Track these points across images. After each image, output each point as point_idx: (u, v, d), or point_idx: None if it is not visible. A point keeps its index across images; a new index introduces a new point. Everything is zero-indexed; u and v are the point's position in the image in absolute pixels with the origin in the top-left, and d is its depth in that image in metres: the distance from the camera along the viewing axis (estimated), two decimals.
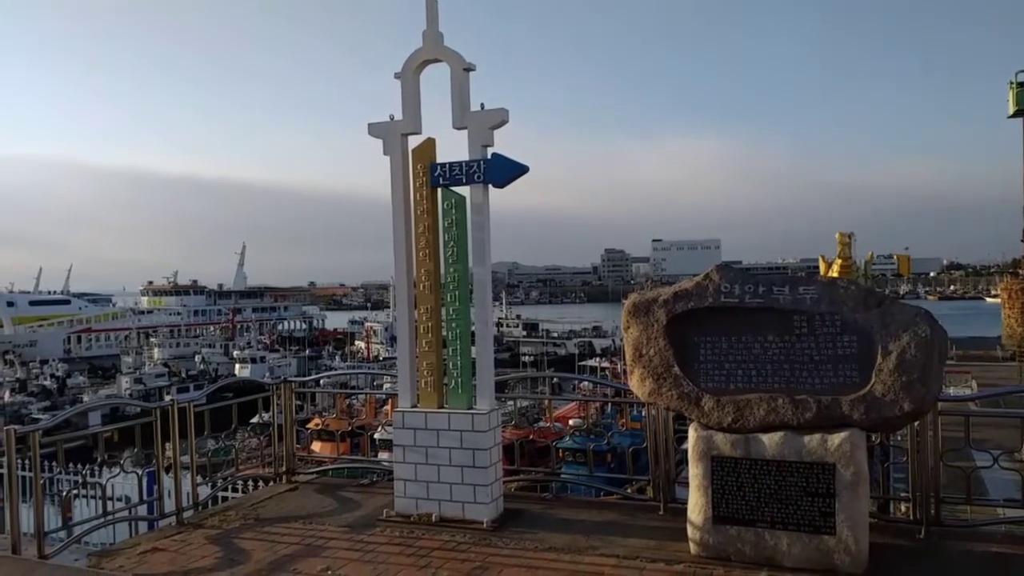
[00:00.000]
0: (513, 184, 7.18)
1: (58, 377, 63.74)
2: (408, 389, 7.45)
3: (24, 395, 55.18)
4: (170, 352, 77.08)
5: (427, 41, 7.27)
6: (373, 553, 6.31)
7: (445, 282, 7.34)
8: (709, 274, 6.11)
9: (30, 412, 48.35)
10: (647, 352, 6.13)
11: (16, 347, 78.93)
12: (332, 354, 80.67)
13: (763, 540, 5.71)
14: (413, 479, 7.18)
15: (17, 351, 75.87)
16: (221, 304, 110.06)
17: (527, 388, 47.41)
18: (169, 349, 78.60)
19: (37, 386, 59.81)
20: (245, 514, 7.52)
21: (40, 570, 6.05)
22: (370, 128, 7.54)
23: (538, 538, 6.50)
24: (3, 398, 52.16)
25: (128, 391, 56.78)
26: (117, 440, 12.93)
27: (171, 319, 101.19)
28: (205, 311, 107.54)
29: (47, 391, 58.54)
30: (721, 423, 5.87)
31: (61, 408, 48.55)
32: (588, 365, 63.58)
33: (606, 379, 41.69)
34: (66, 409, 39.08)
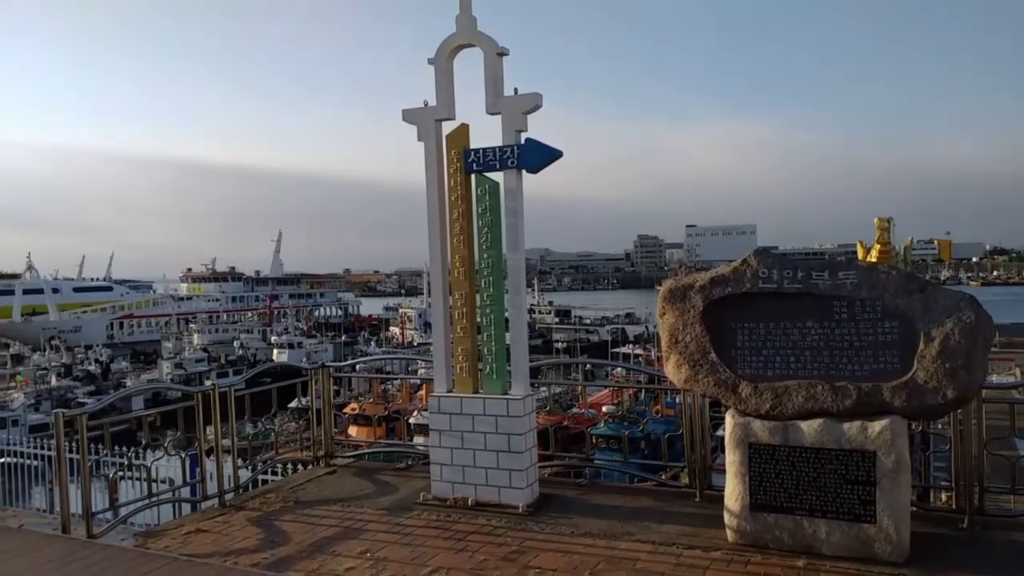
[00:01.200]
0: (545, 169, 7.16)
1: (102, 362, 65.27)
2: (443, 374, 7.50)
3: (70, 379, 56.60)
4: (209, 338, 78.46)
5: (460, 26, 7.25)
6: (411, 536, 6.39)
7: (479, 268, 7.36)
8: (747, 259, 6.04)
9: (76, 396, 49.61)
10: (683, 338, 6.09)
11: (61, 333, 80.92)
12: (367, 340, 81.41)
13: (801, 528, 5.66)
14: (449, 463, 7.25)
15: (62, 336, 77.78)
16: (259, 291, 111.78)
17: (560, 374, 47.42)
18: (208, 335, 80.00)
19: (82, 371, 61.31)
20: (285, 497, 7.66)
21: (89, 550, 6.22)
22: (404, 114, 7.56)
23: (573, 523, 6.52)
24: (50, 382, 53.59)
25: (169, 376, 57.99)
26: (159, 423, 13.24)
27: (210, 305, 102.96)
28: (243, 297, 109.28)
29: (91, 376, 59.97)
30: (759, 410, 5.82)
31: (105, 392, 49.82)
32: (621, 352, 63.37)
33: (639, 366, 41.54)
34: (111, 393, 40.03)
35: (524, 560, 5.76)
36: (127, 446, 9.90)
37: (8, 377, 56.09)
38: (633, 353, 56.55)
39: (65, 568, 5.80)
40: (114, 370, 63.94)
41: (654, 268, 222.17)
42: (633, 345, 66.16)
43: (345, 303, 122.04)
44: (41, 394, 49.52)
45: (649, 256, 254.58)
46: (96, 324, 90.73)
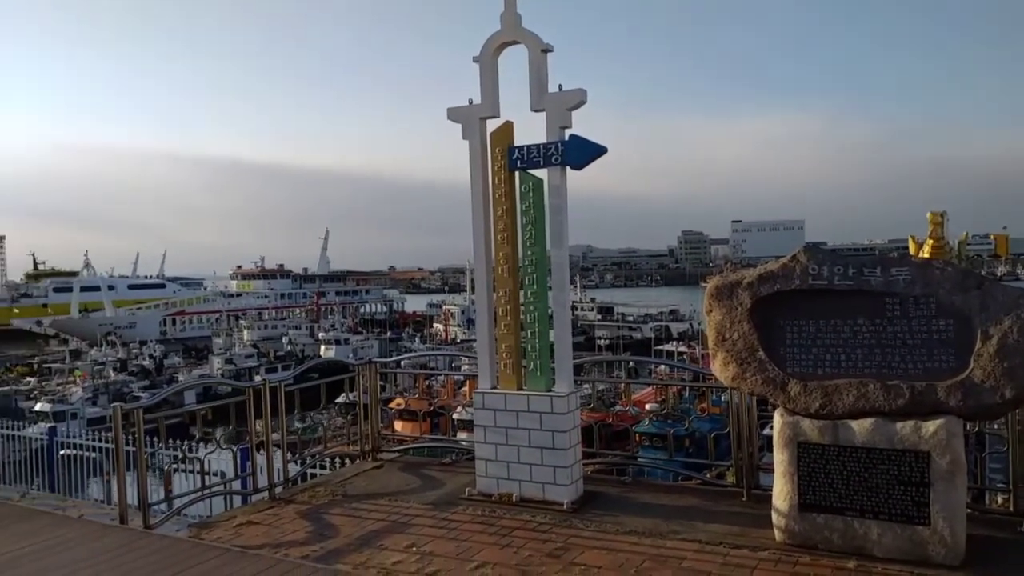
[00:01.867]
0: (588, 166, 7.14)
1: (155, 357, 66.99)
2: (488, 371, 7.54)
3: (125, 374, 58.28)
4: (259, 334, 79.91)
5: (505, 23, 7.27)
6: (456, 531, 6.45)
7: (523, 265, 7.38)
8: (796, 255, 5.94)
9: (131, 390, 51.07)
10: (730, 336, 6.02)
11: (117, 329, 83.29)
12: (412, 336, 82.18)
13: (852, 529, 5.55)
14: (494, 459, 7.29)
15: (118, 332, 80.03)
16: (306, 288, 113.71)
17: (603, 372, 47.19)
18: (258, 331, 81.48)
19: (136, 366, 63.07)
20: (333, 490, 7.79)
21: (145, 540, 6.41)
22: (449, 113, 7.61)
23: (618, 521, 6.51)
24: (107, 377, 55.27)
25: (220, 371, 59.32)
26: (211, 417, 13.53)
27: (259, 302, 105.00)
28: (291, 294, 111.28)
29: (146, 370, 61.65)
30: (808, 409, 5.72)
31: (159, 386, 51.19)
32: (665, 349, 62.84)
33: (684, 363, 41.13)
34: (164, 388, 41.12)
35: (569, 557, 5.77)
36: (180, 439, 10.16)
37: (67, 372, 58.00)
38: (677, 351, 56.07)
39: (123, 557, 5.99)
40: (167, 365, 65.61)
41: (699, 264, 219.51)
42: (677, 342, 65.59)
43: (390, 300, 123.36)
44: (98, 388, 51.12)
45: (693, 252, 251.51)
46: (150, 320, 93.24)
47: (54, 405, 45.33)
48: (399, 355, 34.70)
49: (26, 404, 47.73)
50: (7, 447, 13.49)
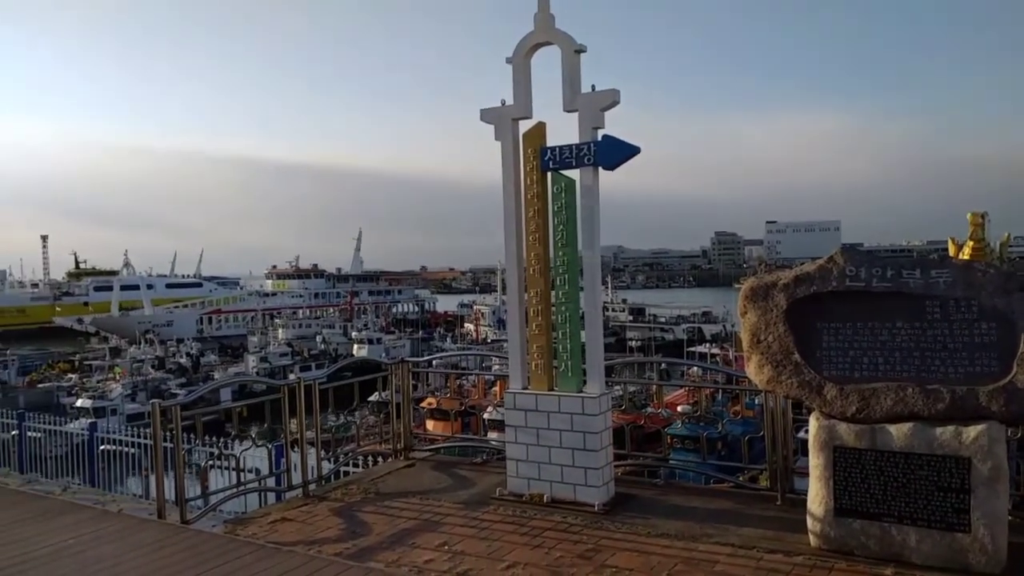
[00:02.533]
0: (621, 166, 7.11)
1: (192, 355, 68.14)
2: (519, 371, 7.55)
3: (163, 372, 59.37)
4: (293, 332, 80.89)
5: (538, 24, 7.27)
6: (488, 531, 6.46)
7: (555, 266, 7.38)
8: (833, 256, 5.86)
9: (169, 387, 51.96)
10: (765, 338, 5.96)
11: (155, 327, 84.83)
12: (443, 336, 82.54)
13: (889, 535, 5.46)
14: (525, 459, 7.29)
15: (156, 331, 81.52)
16: (340, 287, 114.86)
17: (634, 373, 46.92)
18: (292, 330, 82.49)
19: (174, 363, 64.21)
20: (366, 488, 7.86)
21: (182, 534, 6.53)
22: (482, 114, 7.63)
23: (650, 523, 6.47)
24: (145, 374, 56.36)
25: (255, 369, 60.20)
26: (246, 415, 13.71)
27: (293, 301, 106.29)
28: (325, 294, 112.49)
29: (183, 368, 62.75)
30: (844, 412, 5.64)
31: (195, 384, 52.06)
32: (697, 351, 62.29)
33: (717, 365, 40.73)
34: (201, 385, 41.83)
35: (600, 559, 5.75)
36: (216, 436, 10.34)
37: (107, 369, 59.23)
38: (710, 352, 55.55)
39: (161, 551, 6.11)
40: (203, 363, 66.65)
41: (732, 266, 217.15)
42: (710, 344, 64.99)
43: (421, 300, 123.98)
44: (137, 385, 52.12)
45: (727, 253, 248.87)
46: (187, 319, 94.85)
47: (95, 401, 46.32)
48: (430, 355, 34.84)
49: (67, 400, 48.87)
50: (49, 442, 13.82)
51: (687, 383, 34.61)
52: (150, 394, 48.22)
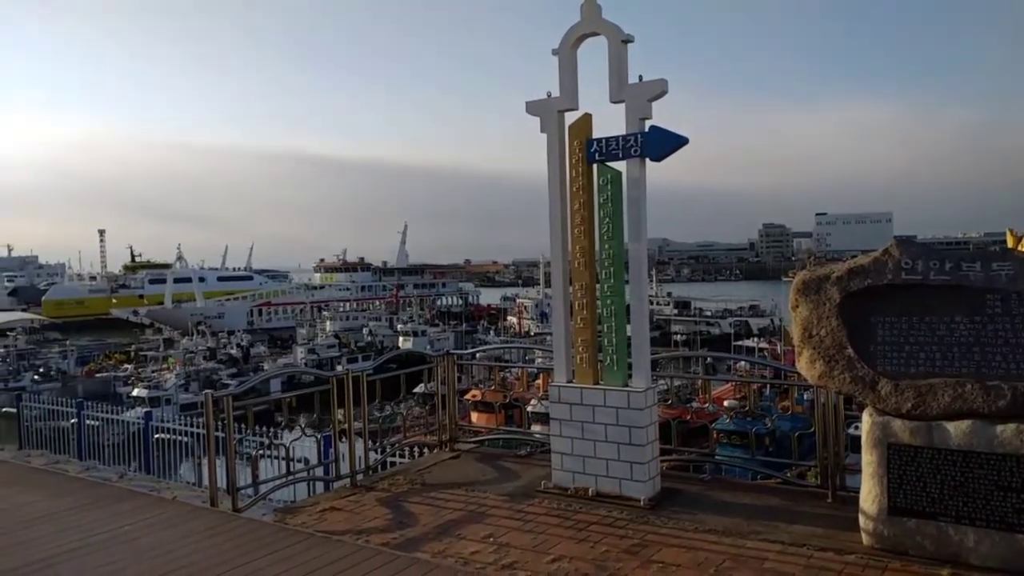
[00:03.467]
0: (668, 157, 7.02)
1: (243, 347, 69.48)
2: (563, 364, 7.52)
3: (214, 362, 60.71)
4: (340, 325, 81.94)
5: (585, 14, 7.21)
6: (533, 523, 6.46)
7: (600, 259, 7.32)
8: (888, 249, 5.69)
9: (220, 378, 53.23)
10: (817, 332, 5.82)
11: (207, 319, 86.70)
12: (486, 329, 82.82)
13: (946, 535, 5.31)
14: (569, 453, 7.27)
15: (208, 322, 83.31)
16: (386, 280, 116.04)
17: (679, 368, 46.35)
18: (339, 322, 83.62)
19: (225, 354, 65.56)
20: (412, 479, 7.93)
21: (234, 522, 6.67)
22: (528, 106, 7.60)
23: (697, 519, 6.40)
24: (198, 365, 57.73)
25: (303, 360, 61.16)
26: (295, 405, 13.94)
27: (341, 294, 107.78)
28: (371, 287, 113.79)
29: (234, 359, 64.01)
30: (899, 409, 5.49)
31: (246, 374, 53.18)
32: (744, 345, 61.38)
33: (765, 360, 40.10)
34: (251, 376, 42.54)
35: (647, 554, 5.71)
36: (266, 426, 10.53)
37: (161, 359, 60.85)
38: (758, 347, 54.72)
39: (213, 539, 6.25)
40: (253, 354, 67.95)
41: (780, 258, 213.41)
42: (758, 339, 64.00)
43: (465, 293, 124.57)
44: (190, 375, 53.41)
45: (775, 246, 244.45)
46: (238, 311, 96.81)
47: (150, 391, 47.63)
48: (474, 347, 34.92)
49: (123, 389, 50.36)
50: (107, 430, 14.24)
51: (734, 378, 34.15)
52: (202, 384, 49.49)
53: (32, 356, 61.08)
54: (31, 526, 6.72)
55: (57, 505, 7.33)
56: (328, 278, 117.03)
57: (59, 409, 14.56)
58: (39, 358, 61.12)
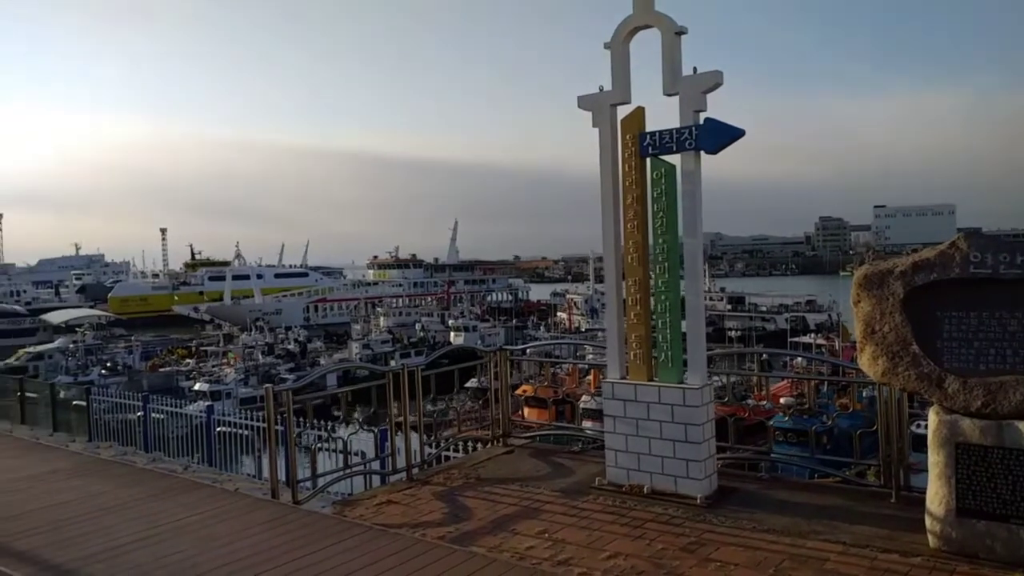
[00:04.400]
0: (723, 150, 6.91)
1: (300, 342, 70.87)
2: (617, 361, 7.48)
3: (272, 357, 62.08)
4: (393, 320, 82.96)
5: (637, 7, 7.14)
6: (588, 520, 6.45)
7: (654, 254, 7.25)
8: (955, 242, 5.51)
9: (278, 373, 54.32)
10: (880, 328, 5.67)
11: (265, 315, 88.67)
12: (536, 325, 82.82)
13: (1018, 538, 5.12)
14: (624, 450, 7.23)
15: (265, 318, 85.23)
16: (437, 277, 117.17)
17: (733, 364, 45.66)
18: (392, 318, 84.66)
19: (282, 350, 66.97)
20: (467, 473, 7.99)
21: (294, 515, 6.82)
22: (580, 101, 7.57)
23: (755, 518, 6.30)
24: (256, 360, 59.11)
25: (358, 355, 62.19)
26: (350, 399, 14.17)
27: (394, 290, 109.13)
28: (423, 283, 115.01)
29: (291, 354, 65.36)
30: (968, 407, 5.31)
31: (303, 369, 54.22)
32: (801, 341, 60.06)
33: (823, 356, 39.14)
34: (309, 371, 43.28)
35: (704, 552, 5.65)
36: (324, 420, 10.73)
37: (221, 354, 62.49)
38: (815, 343, 53.51)
39: (275, 530, 6.41)
40: (310, 349, 69.29)
41: (838, 252, 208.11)
42: (815, 334, 62.55)
43: (515, 289, 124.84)
44: (249, 370, 54.72)
45: (832, 239, 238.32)
46: (294, 307, 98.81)
47: (211, 385, 49.00)
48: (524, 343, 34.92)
49: (186, 383, 51.86)
50: (171, 423, 14.68)
51: (791, 374, 33.47)
52: (261, 379, 50.63)
53: (99, 351, 63.28)
54: (105, 515, 7.00)
55: (127, 495, 7.61)
56: (381, 275, 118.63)
57: (126, 402, 15.06)
58: (106, 353, 63.29)
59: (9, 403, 15.33)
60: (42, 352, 61.62)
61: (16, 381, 16.24)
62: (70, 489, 7.99)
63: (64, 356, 59.32)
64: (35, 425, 14.13)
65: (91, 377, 50.52)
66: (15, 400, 15.18)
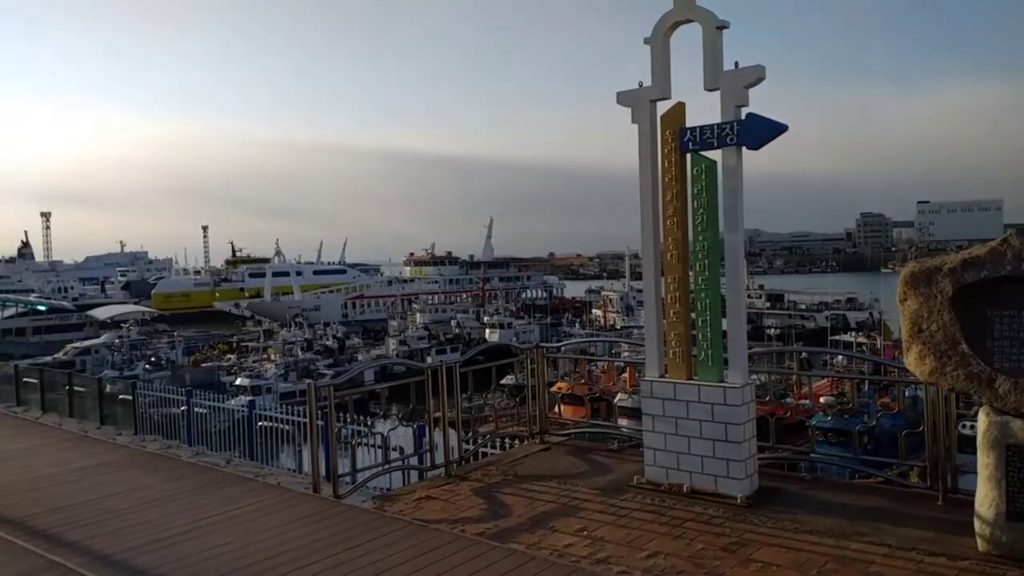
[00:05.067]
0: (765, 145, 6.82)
1: (338, 338, 71.76)
2: (655, 358, 7.43)
3: (311, 353, 62.95)
4: (429, 317, 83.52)
5: (678, 2, 7.08)
6: (626, 519, 6.43)
7: (694, 250, 7.19)
8: (1008, 239, 5.36)
9: (317, 368, 55.08)
10: (928, 327, 5.55)
11: (304, 311, 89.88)
12: (571, 322, 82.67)
13: None
14: (663, 449, 7.19)
15: (304, 314, 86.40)
16: (472, 274, 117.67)
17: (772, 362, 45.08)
18: (428, 314, 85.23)
19: (321, 345, 67.83)
20: (504, 470, 8.01)
21: (336, 509, 6.91)
22: (619, 97, 7.53)
23: (797, 519, 6.22)
24: (296, 355, 59.96)
25: (395, 351, 62.79)
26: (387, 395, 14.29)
27: (430, 287, 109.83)
28: (458, 280, 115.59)
29: (329, 350, 66.17)
30: (1019, 408, 5.18)
31: (341, 365, 54.87)
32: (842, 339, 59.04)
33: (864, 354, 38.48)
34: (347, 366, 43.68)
35: (745, 553, 5.59)
36: (362, 415, 10.84)
37: (261, 350, 63.50)
38: (856, 341, 52.58)
39: (318, 524, 6.50)
40: (348, 345, 70.10)
41: (880, 249, 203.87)
42: (856, 332, 61.45)
43: (550, 286, 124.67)
44: (288, 365, 55.53)
45: (874, 236, 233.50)
46: (333, 304, 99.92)
47: (252, 380, 49.80)
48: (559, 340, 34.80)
49: (227, 378, 52.79)
50: (213, 417, 14.97)
51: (831, 373, 32.95)
52: (300, 374, 51.35)
53: (143, 346, 64.72)
54: (151, 507, 7.17)
55: (173, 488, 7.79)
56: (417, 271, 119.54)
57: (170, 396, 15.39)
58: (150, 348, 64.73)
59: (58, 397, 15.75)
60: (88, 347, 63.14)
61: (65, 375, 16.67)
62: (118, 482, 8.20)
63: (110, 351, 60.72)
64: (83, 418, 14.50)
65: (136, 372, 51.65)
66: (64, 394, 15.60)
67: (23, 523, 6.90)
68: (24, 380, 16.57)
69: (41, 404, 15.53)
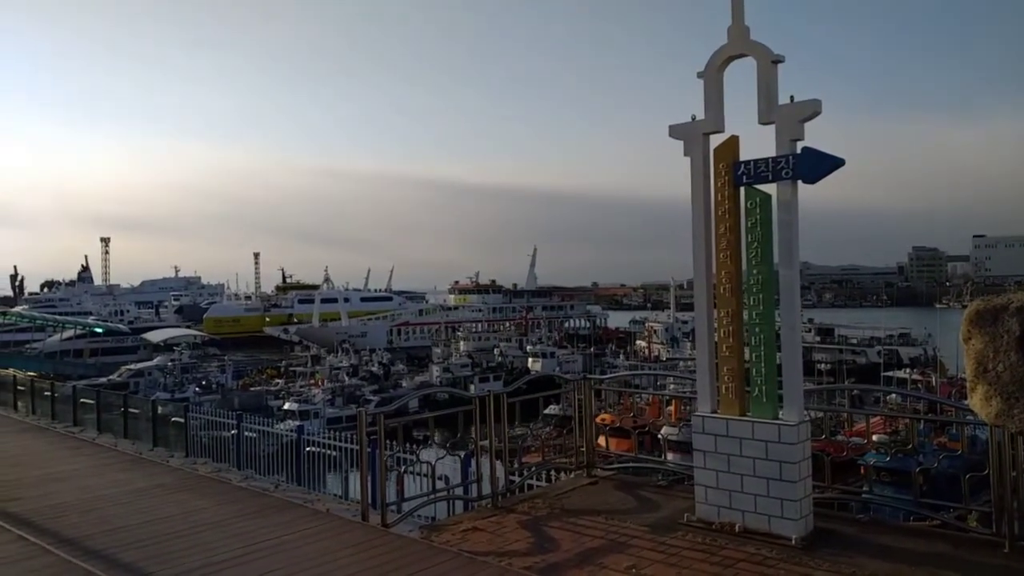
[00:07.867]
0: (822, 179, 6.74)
1: (384, 364, 72.30)
2: (707, 393, 7.33)
3: (357, 379, 63.48)
4: (473, 345, 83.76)
5: (733, 36, 7.10)
6: (677, 557, 6.31)
7: (747, 284, 7.10)
8: None
9: (363, 394, 55.44)
10: (994, 367, 5.38)
11: (351, 337, 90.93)
12: (615, 352, 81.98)
13: None
14: (715, 486, 7.05)
15: (351, 341, 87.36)
16: (515, 303, 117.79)
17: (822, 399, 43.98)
18: (472, 342, 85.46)
19: (367, 371, 68.31)
20: (551, 503, 7.94)
21: (384, 538, 6.92)
22: (671, 130, 7.54)
23: (855, 563, 6.02)
24: (342, 381, 60.53)
25: (438, 378, 62.96)
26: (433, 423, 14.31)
27: (473, 315, 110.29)
28: (502, 308, 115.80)
29: (375, 376, 66.58)
30: None
31: (386, 391, 55.19)
32: (895, 376, 57.39)
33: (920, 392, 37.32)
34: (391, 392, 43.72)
35: None
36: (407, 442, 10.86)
37: (309, 375, 64.28)
38: (910, 378, 51.06)
39: (367, 552, 6.52)
40: (393, 372, 70.55)
41: (933, 284, 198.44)
42: (909, 369, 59.69)
43: (593, 316, 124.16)
44: (335, 391, 56.04)
45: (927, 270, 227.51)
46: (379, 330, 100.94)
47: (300, 405, 50.36)
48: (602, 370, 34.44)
49: (275, 403, 53.49)
50: (262, 441, 15.14)
51: (884, 411, 32.02)
52: (346, 399, 51.73)
53: (194, 369, 66.05)
54: (205, 530, 7.28)
55: (224, 512, 7.90)
56: (461, 299, 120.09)
57: (220, 420, 15.64)
58: (200, 371, 66.01)
59: (113, 418, 16.16)
60: (142, 369, 64.71)
61: (120, 397, 17.10)
62: (172, 504, 8.35)
63: (162, 374, 62.12)
64: (137, 439, 14.83)
65: (187, 394, 52.70)
66: (119, 415, 15.99)
67: (81, 543, 7.07)
68: (81, 401, 17.04)
69: (97, 425, 15.95)
